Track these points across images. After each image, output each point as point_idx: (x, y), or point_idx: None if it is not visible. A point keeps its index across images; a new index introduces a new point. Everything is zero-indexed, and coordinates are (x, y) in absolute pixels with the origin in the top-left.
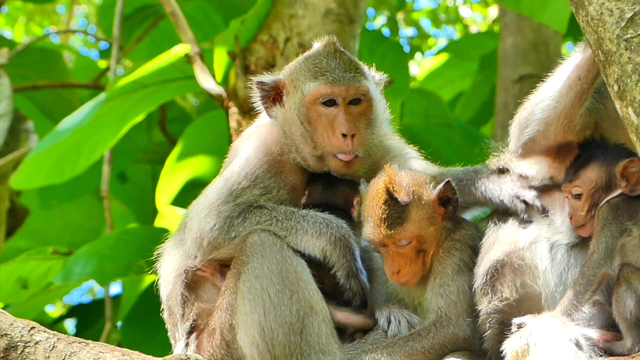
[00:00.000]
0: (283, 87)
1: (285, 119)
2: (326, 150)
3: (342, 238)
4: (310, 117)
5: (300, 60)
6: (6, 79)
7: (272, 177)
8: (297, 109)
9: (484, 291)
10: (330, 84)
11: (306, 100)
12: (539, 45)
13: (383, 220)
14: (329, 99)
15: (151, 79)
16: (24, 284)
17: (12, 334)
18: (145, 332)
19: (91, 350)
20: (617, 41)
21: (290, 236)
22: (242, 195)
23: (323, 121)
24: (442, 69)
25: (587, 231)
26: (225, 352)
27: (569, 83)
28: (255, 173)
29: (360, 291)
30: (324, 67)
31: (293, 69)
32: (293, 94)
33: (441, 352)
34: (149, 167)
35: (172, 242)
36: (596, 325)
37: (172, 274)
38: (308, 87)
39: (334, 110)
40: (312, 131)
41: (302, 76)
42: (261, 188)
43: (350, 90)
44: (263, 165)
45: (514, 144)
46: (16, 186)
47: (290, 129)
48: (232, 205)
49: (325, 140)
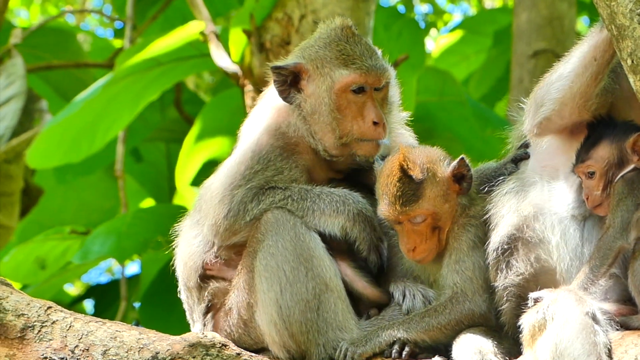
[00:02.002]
0: (304, 72)
1: (308, 105)
2: (355, 137)
3: (360, 213)
4: (340, 104)
5: (320, 45)
6: (20, 59)
7: (284, 159)
8: (326, 97)
9: (498, 267)
10: (364, 73)
11: (337, 87)
12: (554, 21)
13: (398, 198)
14: (359, 87)
15: (167, 57)
16: (42, 264)
17: (29, 313)
18: (163, 309)
19: (108, 329)
20: (630, 15)
21: (307, 217)
22: (254, 178)
23: (352, 109)
24: (457, 46)
25: (604, 210)
26: (242, 330)
27: (585, 63)
28: (267, 156)
29: (381, 262)
30: (351, 54)
31: (315, 55)
32: (319, 81)
33: (457, 328)
34: (163, 145)
35: (189, 223)
36: (612, 299)
37: (190, 259)
38: (339, 75)
39: (362, 98)
40: (340, 118)
41: (329, 63)
42: (273, 170)
43: (381, 79)
44: (275, 149)
45: (530, 123)
46: (32, 164)
47: (313, 115)
48: (244, 190)
49: (354, 127)
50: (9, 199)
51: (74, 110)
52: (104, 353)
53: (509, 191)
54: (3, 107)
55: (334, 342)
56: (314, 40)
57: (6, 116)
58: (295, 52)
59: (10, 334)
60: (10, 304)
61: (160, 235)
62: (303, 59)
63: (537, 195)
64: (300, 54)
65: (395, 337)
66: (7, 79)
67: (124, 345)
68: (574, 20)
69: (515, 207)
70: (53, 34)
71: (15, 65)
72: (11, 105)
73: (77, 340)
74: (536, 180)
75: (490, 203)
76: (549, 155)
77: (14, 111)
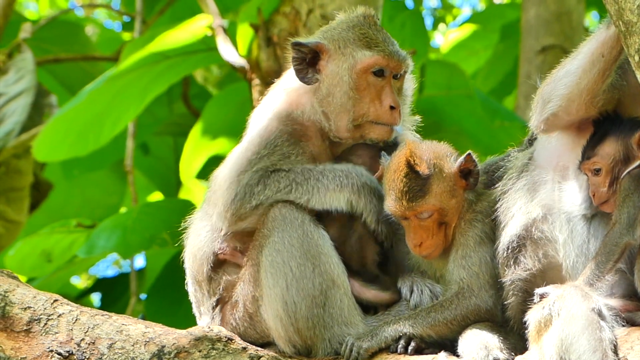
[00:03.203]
0: (324, 51)
1: (325, 85)
2: (370, 120)
3: (364, 185)
4: (359, 85)
5: (342, 28)
6: (29, 53)
7: (291, 144)
8: (347, 76)
9: (507, 263)
10: (387, 56)
11: (358, 67)
12: (562, 16)
13: (404, 193)
14: (380, 70)
15: (174, 50)
16: (48, 257)
17: (35, 306)
18: (169, 304)
19: (114, 322)
20: (638, 12)
21: (313, 197)
22: (259, 162)
23: (371, 91)
24: (466, 40)
25: (611, 207)
26: (248, 324)
27: (593, 59)
28: (274, 141)
29: (391, 233)
30: (374, 39)
31: (337, 36)
32: (340, 60)
33: (463, 323)
34: (171, 139)
35: (199, 215)
36: (618, 295)
37: (199, 251)
38: (362, 55)
39: (381, 82)
40: (358, 99)
41: (352, 44)
42: (280, 154)
43: (401, 65)
44: (283, 134)
45: (537, 119)
46: (38, 157)
47: (329, 96)
48: (250, 173)
49: (370, 109)
50: (18, 193)
51: (80, 100)
52: (109, 346)
53: (519, 189)
54: (13, 102)
55: (339, 337)
56: (336, 24)
57: (16, 111)
58: (316, 34)
59: (16, 327)
60: (17, 297)
61: (166, 230)
62: (325, 39)
63: (547, 195)
64: (321, 35)
65: (401, 332)
66: (16, 74)
67: (129, 339)
68: (583, 16)
69: (525, 208)
70: (61, 27)
71: (25, 59)
72: (21, 100)
73: (83, 333)
74: (547, 179)
75: (499, 199)
76: (559, 152)
77: (23, 106)
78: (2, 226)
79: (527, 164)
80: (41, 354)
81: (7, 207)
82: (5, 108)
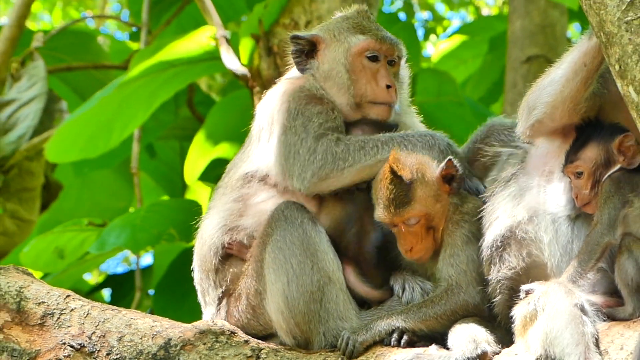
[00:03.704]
0: (320, 42)
1: (324, 70)
2: (368, 99)
3: (449, 145)
4: (355, 67)
5: (337, 20)
6: (41, 61)
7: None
8: (343, 58)
9: (492, 261)
10: (379, 41)
11: (353, 51)
12: (546, 28)
13: (391, 201)
14: (373, 54)
15: (180, 60)
16: (61, 254)
17: (49, 301)
18: (176, 299)
19: (123, 317)
20: (618, 23)
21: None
22: (317, 129)
23: (367, 73)
24: (456, 50)
25: (593, 208)
26: (251, 316)
27: (576, 68)
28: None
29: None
30: (368, 26)
31: (332, 27)
32: (336, 46)
33: (452, 318)
34: (176, 143)
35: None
36: (600, 292)
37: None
38: (356, 39)
39: (376, 65)
40: (355, 80)
41: (346, 31)
42: (324, 115)
43: (394, 50)
44: (310, 102)
45: (522, 126)
46: (51, 158)
47: (328, 80)
48: (326, 140)
49: (368, 90)
50: (30, 194)
51: (91, 106)
52: (119, 339)
53: (507, 195)
54: (25, 108)
55: (335, 330)
56: (331, 20)
57: (28, 116)
58: (313, 29)
59: (30, 320)
60: (31, 293)
61: (173, 227)
62: (321, 32)
63: (533, 199)
64: (317, 29)
65: (394, 326)
66: (29, 81)
67: (138, 332)
68: (566, 27)
69: (511, 211)
70: (73, 36)
71: (37, 67)
72: (32, 106)
73: (94, 327)
74: (532, 184)
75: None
76: (545, 158)
77: (35, 111)
78: (15, 225)
79: (516, 173)
80: (54, 347)
81: (19, 206)
82: (18, 113)
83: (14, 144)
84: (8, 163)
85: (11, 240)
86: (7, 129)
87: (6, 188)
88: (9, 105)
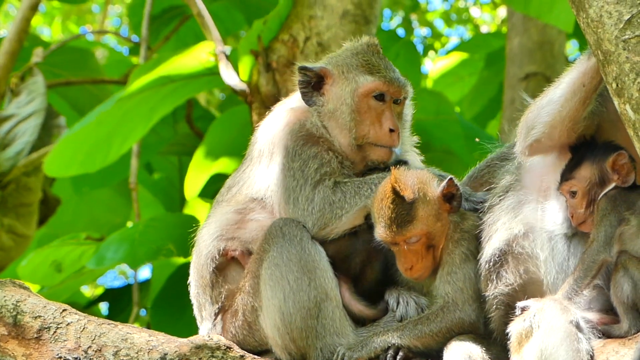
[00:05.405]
0: (328, 76)
1: (328, 109)
2: (370, 141)
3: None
4: (360, 108)
5: (347, 55)
6: (40, 77)
7: (313, 145)
8: (349, 98)
9: (489, 277)
10: (387, 82)
11: (360, 91)
12: (544, 45)
13: (393, 220)
14: (380, 94)
15: (179, 75)
16: (58, 268)
17: (45, 315)
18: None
19: (120, 331)
20: (616, 42)
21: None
22: (318, 174)
23: (372, 114)
24: (454, 67)
25: (589, 227)
26: (247, 332)
27: (574, 89)
28: (314, 154)
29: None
30: (377, 65)
31: (341, 62)
32: (344, 84)
33: (448, 335)
34: (175, 158)
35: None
36: (595, 309)
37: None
38: (364, 80)
39: (381, 106)
40: (359, 121)
41: (355, 69)
42: (318, 160)
43: (401, 91)
44: (313, 144)
45: (521, 145)
46: (50, 172)
47: (332, 117)
48: (323, 188)
49: (371, 132)
50: (27, 209)
51: (90, 120)
52: (115, 353)
53: (505, 206)
54: (24, 123)
55: (332, 346)
56: (341, 52)
57: (27, 131)
58: (322, 60)
59: (27, 334)
60: (28, 307)
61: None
62: (329, 65)
63: (530, 213)
64: (327, 60)
65: (389, 343)
66: (28, 96)
67: (134, 347)
68: (564, 45)
69: (508, 224)
70: (72, 52)
71: (36, 83)
72: (31, 121)
73: (90, 341)
74: (530, 199)
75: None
76: (542, 174)
77: (33, 127)
78: (12, 240)
79: (513, 184)
80: None
81: (17, 221)
82: (17, 128)
83: (12, 159)
84: (6, 179)
85: (7, 255)
86: (5, 145)
87: (3, 203)
88: (7, 121)
